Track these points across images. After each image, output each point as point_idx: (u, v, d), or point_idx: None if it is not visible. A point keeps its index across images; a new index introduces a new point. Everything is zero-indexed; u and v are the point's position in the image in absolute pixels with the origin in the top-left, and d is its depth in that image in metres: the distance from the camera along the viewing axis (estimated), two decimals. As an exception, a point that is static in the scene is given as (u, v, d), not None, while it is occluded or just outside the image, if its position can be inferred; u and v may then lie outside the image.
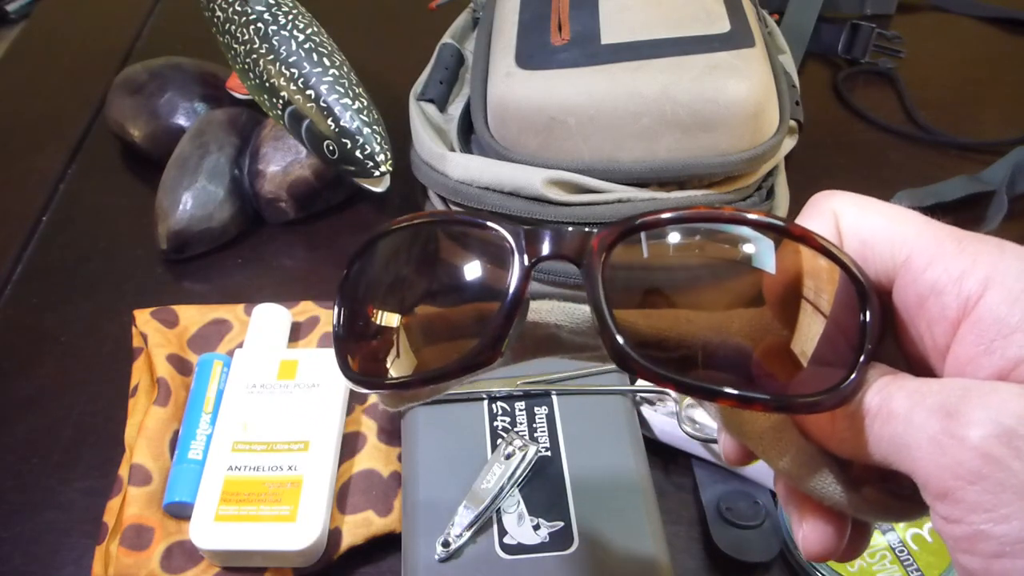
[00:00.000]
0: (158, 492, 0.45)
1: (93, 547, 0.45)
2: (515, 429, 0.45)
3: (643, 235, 0.23)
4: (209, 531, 0.42)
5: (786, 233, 0.22)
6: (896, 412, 0.20)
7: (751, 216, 0.23)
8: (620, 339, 0.22)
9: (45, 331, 0.56)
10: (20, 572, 0.44)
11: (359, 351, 0.27)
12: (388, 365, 0.26)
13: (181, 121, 0.65)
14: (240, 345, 0.52)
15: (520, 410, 0.46)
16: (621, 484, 0.42)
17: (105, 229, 0.63)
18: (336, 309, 0.27)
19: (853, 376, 0.21)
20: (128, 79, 0.67)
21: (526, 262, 0.24)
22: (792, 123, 0.55)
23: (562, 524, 0.41)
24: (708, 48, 0.49)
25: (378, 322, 0.27)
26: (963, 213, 0.63)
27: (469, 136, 0.56)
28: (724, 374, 0.23)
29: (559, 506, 0.42)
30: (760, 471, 0.46)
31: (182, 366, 0.51)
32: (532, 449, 0.43)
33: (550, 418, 0.45)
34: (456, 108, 0.57)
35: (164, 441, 0.47)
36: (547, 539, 0.40)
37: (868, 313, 0.22)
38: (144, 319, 0.53)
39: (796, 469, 0.23)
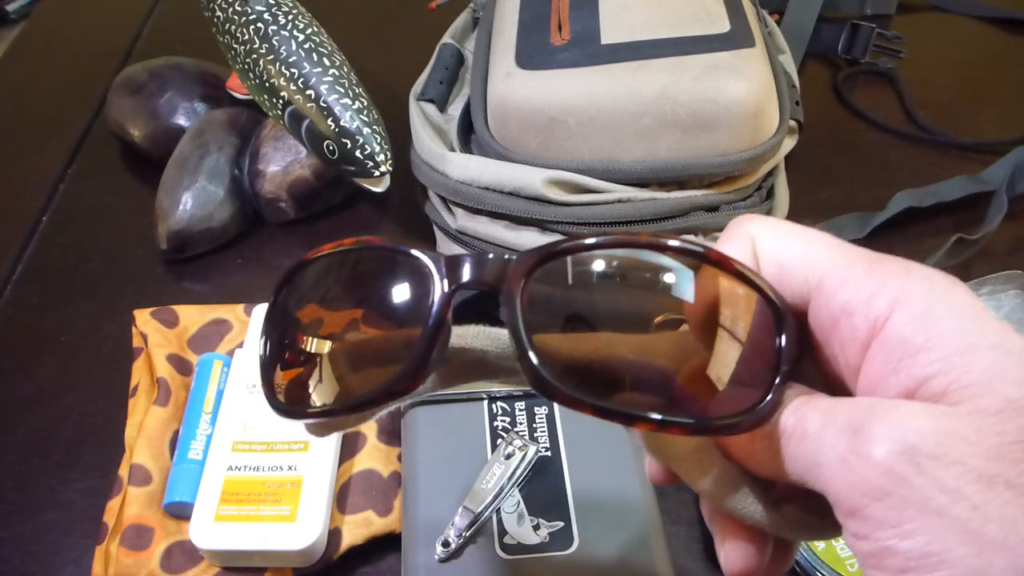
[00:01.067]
0: (158, 492, 0.45)
1: (93, 547, 0.45)
2: (515, 429, 0.45)
3: (565, 261, 0.23)
4: (209, 531, 0.42)
5: (704, 259, 0.23)
6: (809, 431, 0.20)
7: (669, 243, 0.23)
8: (537, 364, 0.22)
9: (45, 331, 0.56)
10: (20, 572, 0.45)
11: (284, 380, 0.27)
12: (313, 394, 0.26)
13: (181, 121, 0.65)
14: (240, 345, 0.52)
15: (520, 410, 0.46)
16: (621, 484, 0.43)
17: (105, 229, 0.63)
18: (262, 339, 0.28)
19: (769, 397, 0.21)
20: (128, 79, 0.67)
21: (446, 288, 0.24)
22: (792, 123, 0.55)
23: (562, 524, 0.41)
24: (708, 48, 0.49)
25: (303, 351, 0.27)
26: (963, 213, 0.63)
27: (469, 136, 0.56)
28: (647, 398, 0.23)
29: (559, 506, 0.42)
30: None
31: (182, 366, 0.51)
32: (532, 449, 0.43)
33: (550, 418, 0.45)
34: (456, 108, 0.57)
35: (164, 441, 0.47)
36: (547, 539, 0.40)
37: (784, 335, 0.22)
38: (144, 319, 0.53)
39: (716, 489, 0.23)
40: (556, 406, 0.46)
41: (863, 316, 0.21)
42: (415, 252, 0.25)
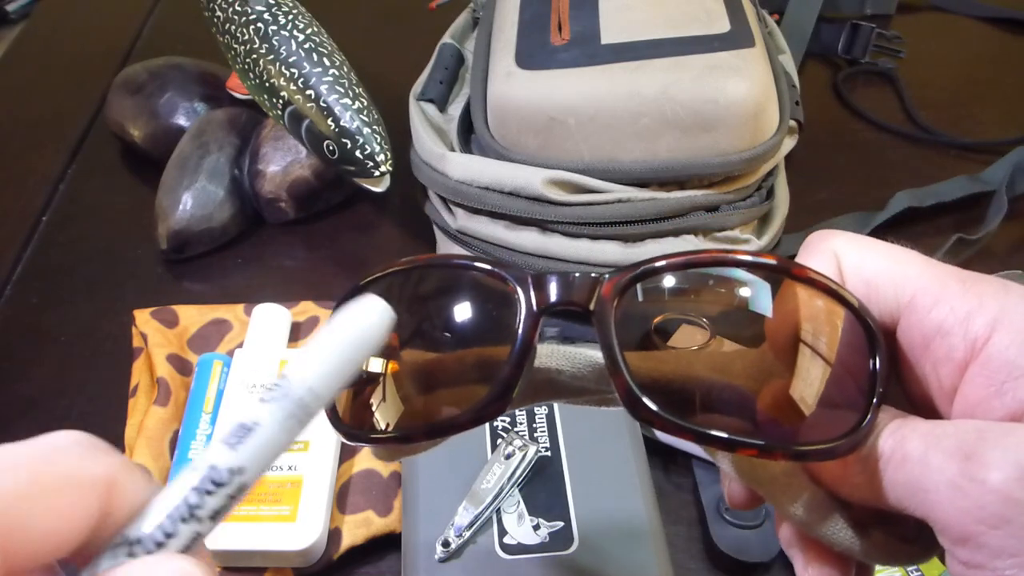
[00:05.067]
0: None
1: (93, 547, 0.45)
2: (515, 429, 0.45)
3: (653, 279, 0.23)
4: (209, 531, 0.42)
5: (793, 276, 0.22)
6: (911, 455, 0.20)
7: (758, 260, 0.23)
8: (634, 387, 0.22)
9: (45, 331, 0.56)
10: (20, 572, 0.44)
11: (350, 401, 0.26)
12: (382, 416, 0.25)
13: (181, 121, 0.65)
14: (240, 345, 0.52)
15: (520, 410, 0.46)
16: (621, 484, 0.42)
17: (105, 229, 0.63)
18: None
19: (867, 420, 0.21)
20: (128, 79, 0.67)
21: (535, 310, 0.23)
22: (792, 123, 0.55)
23: (562, 524, 0.41)
24: (708, 48, 0.49)
25: (371, 370, 0.26)
26: (963, 213, 0.63)
27: (469, 136, 0.56)
28: (731, 419, 0.23)
29: (559, 506, 0.42)
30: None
31: (182, 366, 0.51)
32: (532, 449, 0.43)
33: (550, 418, 0.45)
34: (456, 108, 0.57)
35: (164, 441, 0.47)
36: (547, 539, 0.40)
37: (878, 355, 0.21)
38: (144, 319, 0.53)
39: (808, 515, 0.23)
40: (556, 406, 0.46)
41: (960, 336, 0.20)
42: (499, 270, 0.24)
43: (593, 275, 0.23)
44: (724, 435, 0.21)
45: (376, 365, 0.26)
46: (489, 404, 0.23)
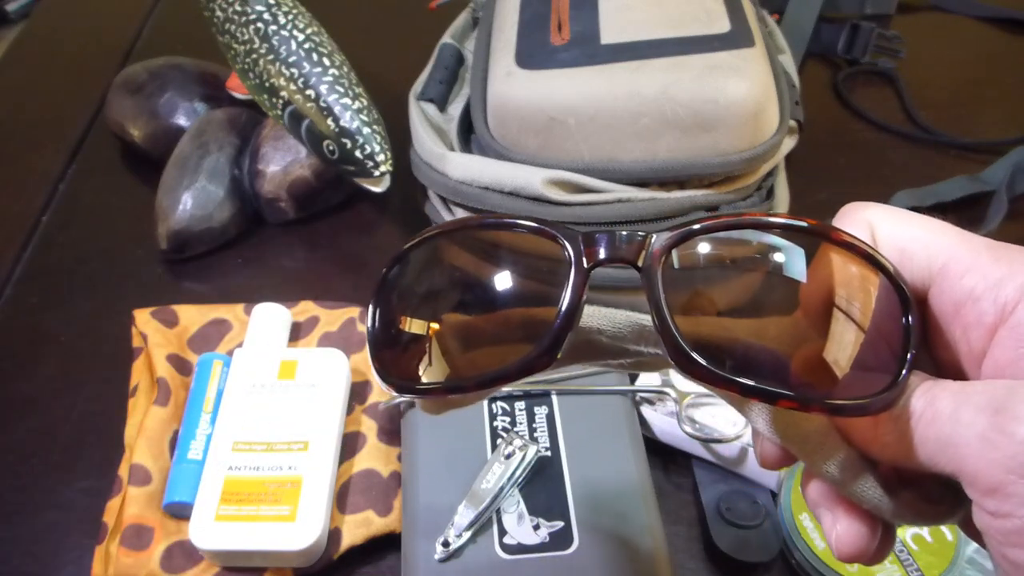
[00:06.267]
0: (158, 492, 0.45)
1: (93, 547, 0.45)
2: (515, 429, 0.45)
3: (698, 240, 0.24)
4: (209, 531, 0.42)
5: (832, 240, 0.23)
6: (942, 412, 0.21)
7: (799, 223, 0.24)
8: (682, 340, 0.23)
9: (45, 331, 0.56)
10: (20, 572, 0.45)
11: (398, 356, 0.27)
12: (427, 371, 0.26)
13: (181, 121, 0.65)
14: (240, 345, 0.52)
15: (520, 410, 0.46)
16: (621, 484, 0.43)
17: (105, 229, 0.63)
18: (372, 312, 0.27)
19: (902, 377, 0.22)
20: (128, 79, 0.67)
21: (585, 266, 0.24)
22: (792, 123, 0.55)
23: (562, 524, 0.41)
24: (708, 48, 0.49)
25: (418, 328, 0.27)
26: (963, 213, 0.63)
27: (469, 136, 0.56)
28: (771, 376, 0.23)
29: (559, 506, 0.42)
30: (760, 471, 0.46)
31: (182, 366, 0.51)
32: (532, 449, 0.43)
33: (550, 418, 0.45)
34: (456, 108, 0.57)
35: (164, 441, 0.47)
36: (547, 539, 0.40)
37: (911, 318, 0.22)
38: (144, 319, 0.53)
39: (841, 473, 0.24)
40: (556, 406, 0.46)
41: (990, 301, 0.21)
42: (550, 229, 0.25)
43: (641, 234, 0.24)
44: (767, 387, 0.22)
45: (423, 323, 0.27)
46: (539, 356, 0.24)
